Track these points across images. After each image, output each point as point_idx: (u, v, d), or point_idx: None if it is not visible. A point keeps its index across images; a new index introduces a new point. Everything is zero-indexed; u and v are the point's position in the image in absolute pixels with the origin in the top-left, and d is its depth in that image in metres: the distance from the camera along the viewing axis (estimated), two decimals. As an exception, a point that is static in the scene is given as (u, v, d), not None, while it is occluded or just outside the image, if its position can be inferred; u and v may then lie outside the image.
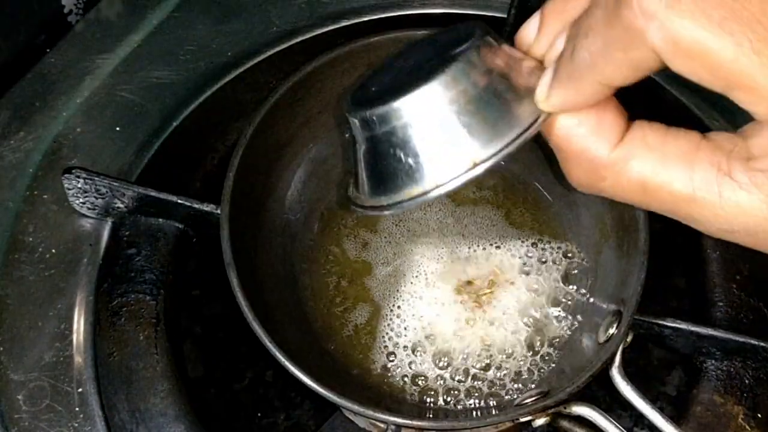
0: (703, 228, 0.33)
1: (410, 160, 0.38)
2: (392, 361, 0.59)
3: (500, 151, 0.37)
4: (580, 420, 0.51)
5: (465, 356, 0.59)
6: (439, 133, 0.37)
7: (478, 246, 0.63)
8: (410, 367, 0.58)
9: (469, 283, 0.61)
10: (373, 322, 0.60)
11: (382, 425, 0.54)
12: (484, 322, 0.60)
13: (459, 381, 0.58)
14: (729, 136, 0.32)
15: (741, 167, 0.31)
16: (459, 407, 0.57)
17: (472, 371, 0.58)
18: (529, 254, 0.62)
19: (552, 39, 0.37)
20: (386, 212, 0.41)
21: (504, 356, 0.58)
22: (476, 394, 0.57)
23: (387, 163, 0.39)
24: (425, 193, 0.38)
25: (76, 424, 0.55)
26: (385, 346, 0.59)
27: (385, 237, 0.63)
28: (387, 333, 0.60)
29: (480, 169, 0.37)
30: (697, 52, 0.29)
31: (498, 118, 0.37)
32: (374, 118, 0.38)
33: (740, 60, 0.28)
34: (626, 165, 0.33)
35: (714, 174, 0.31)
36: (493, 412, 0.52)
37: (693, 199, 0.32)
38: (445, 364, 0.58)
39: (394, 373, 0.58)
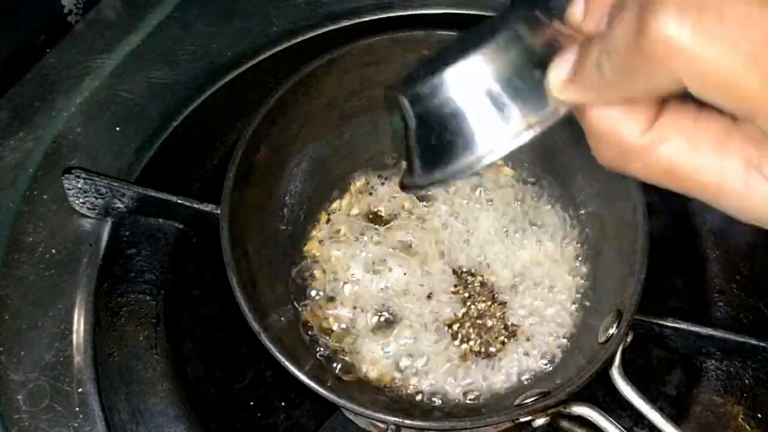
0: (730, 214, 0.33)
1: (464, 129, 0.37)
2: (392, 360, 0.59)
3: (553, 114, 0.36)
4: (580, 420, 0.51)
5: (465, 356, 0.59)
6: (490, 99, 0.37)
7: (479, 248, 0.63)
8: (409, 367, 0.58)
9: (468, 285, 0.62)
10: (372, 321, 0.60)
11: (382, 425, 0.54)
12: (485, 323, 0.60)
13: (459, 380, 0.58)
14: (758, 127, 0.31)
15: None
16: (459, 407, 0.57)
17: (473, 371, 0.58)
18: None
19: (599, 20, 0.36)
20: (442, 185, 0.43)
21: (504, 356, 0.58)
22: (476, 394, 0.57)
23: (440, 137, 0.38)
24: (480, 159, 0.37)
25: (76, 424, 0.55)
26: (385, 346, 0.59)
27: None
28: (386, 332, 0.60)
29: (534, 132, 0.36)
30: (723, 83, 0.28)
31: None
32: (425, 91, 0.38)
33: (765, 91, 0.28)
34: (656, 150, 0.33)
35: (743, 166, 0.31)
36: (493, 412, 0.52)
37: (721, 188, 0.32)
38: (445, 363, 0.58)
39: (394, 372, 0.58)
